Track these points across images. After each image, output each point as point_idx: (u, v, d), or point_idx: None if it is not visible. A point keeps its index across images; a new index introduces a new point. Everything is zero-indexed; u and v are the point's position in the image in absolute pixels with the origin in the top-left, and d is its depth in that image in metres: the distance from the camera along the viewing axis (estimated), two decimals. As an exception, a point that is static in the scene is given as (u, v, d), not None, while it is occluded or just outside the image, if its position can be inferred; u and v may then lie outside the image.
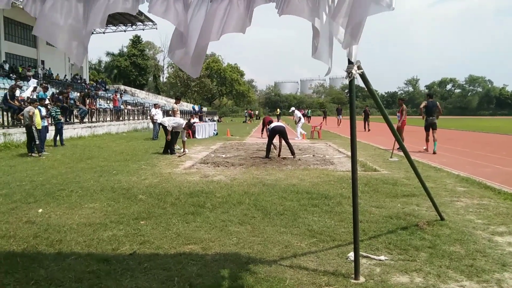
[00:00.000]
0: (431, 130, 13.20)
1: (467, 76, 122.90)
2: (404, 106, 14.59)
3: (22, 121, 12.33)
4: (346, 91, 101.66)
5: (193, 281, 3.41)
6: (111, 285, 3.34)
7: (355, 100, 3.88)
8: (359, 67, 3.55)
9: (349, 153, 4.74)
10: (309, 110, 55.25)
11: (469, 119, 67.33)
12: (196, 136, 20.62)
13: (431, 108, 13.22)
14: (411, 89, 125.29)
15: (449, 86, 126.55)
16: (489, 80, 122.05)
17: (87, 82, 38.92)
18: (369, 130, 26.51)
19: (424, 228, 4.83)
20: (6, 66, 27.88)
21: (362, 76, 3.70)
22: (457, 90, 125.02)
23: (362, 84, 4.08)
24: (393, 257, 3.98)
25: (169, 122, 12.95)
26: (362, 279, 3.45)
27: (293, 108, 23.89)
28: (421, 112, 13.62)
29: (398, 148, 10.59)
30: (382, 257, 3.95)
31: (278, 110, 51.27)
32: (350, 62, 3.48)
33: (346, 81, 3.75)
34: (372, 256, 3.98)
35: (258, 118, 58.70)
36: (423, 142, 13.81)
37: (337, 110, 39.73)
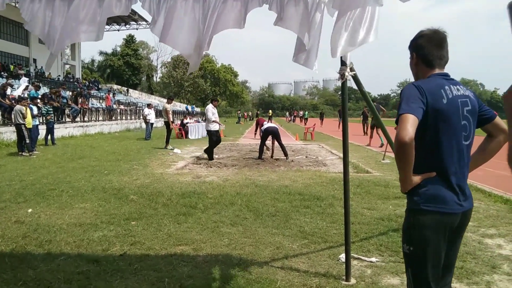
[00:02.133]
0: (375, 128, 16.17)
1: (459, 79, 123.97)
2: None
3: (13, 119, 12.19)
4: (339, 93, 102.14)
5: (184, 282, 3.39)
6: (101, 286, 3.31)
7: (347, 102, 3.89)
8: (351, 69, 3.55)
9: (342, 155, 4.75)
10: (306, 112, 53.60)
11: (461, 122, 67.91)
12: (189, 136, 20.56)
13: (377, 109, 15.46)
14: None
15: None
16: (480, 83, 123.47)
17: (80, 81, 38.64)
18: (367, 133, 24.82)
19: (415, 230, 4.84)
20: (-3, 64, 27.59)
21: (355, 78, 3.70)
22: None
23: (355, 86, 4.09)
24: (384, 259, 3.99)
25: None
26: (353, 281, 3.45)
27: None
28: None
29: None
30: (373, 259, 3.96)
31: (270, 111, 50.83)
32: (343, 64, 3.49)
33: (339, 83, 3.75)
34: (363, 258, 3.99)
35: (252, 119, 58.72)
36: None
37: (339, 112, 36.17)
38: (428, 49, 2.11)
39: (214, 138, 11.50)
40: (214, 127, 11.57)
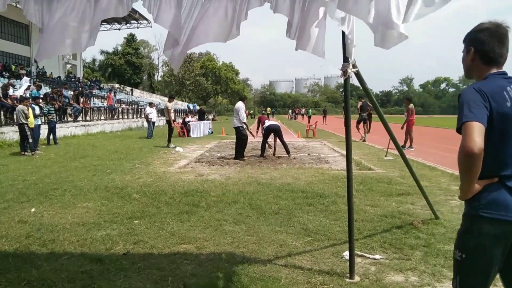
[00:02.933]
0: (362, 123, 18.02)
1: (461, 75, 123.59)
2: (411, 105, 14.24)
3: (15, 119, 12.21)
4: (341, 90, 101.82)
5: (187, 280, 3.38)
6: (104, 285, 3.30)
7: (350, 99, 3.88)
8: (354, 66, 3.53)
9: (344, 152, 4.73)
10: (310, 109, 50.65)
11: (463, 118, 67.63)
12: (191, 135, 20.57)
13: (364, 107, 17.97)
14: (405, 88, 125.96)
15: (443, 85, 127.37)
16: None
17: (81, 80, 38.68)
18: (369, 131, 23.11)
19: (419, 227, 4.83)
20: (-1, 64, 27.62)
21: (357, 74, 3.69)
22: (451, 89, 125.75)
23: (357, 83, 4.07)
24: (388, 256, 3.98)
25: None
26: (357, 278, 3.44)
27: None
28: (358, 110, 18.40)
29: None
30: (377, 256, 3.95)
31: (269, 109, 49.11)
32: (345, 61, 3.47)
33: (341, 80, 3.73)
34: (367, 255, 3.98)
35: (253, 116, 58.65)
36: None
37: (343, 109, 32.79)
38: (489, 45, 1.92)
39: (243, 137, 11.39)
40: (237, 123, 11.44)
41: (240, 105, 11.69)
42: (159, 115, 32.46)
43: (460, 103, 1.84)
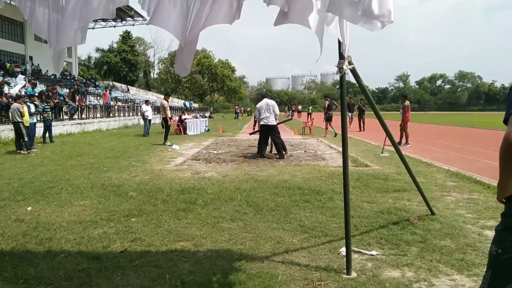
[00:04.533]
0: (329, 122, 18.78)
1: (457, 71, 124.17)
2: (407, 102, 14.29)
3: (10, 117, 12.15)
4: (337, 87, 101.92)
5: (185, 278, 3.39)
6: (102, 283, 3.30)
7: (346, 96, 3.88)
8: (350, 62, 3.54)
9: (340, 149, 4.75)
10: (310, 107, 47.25)
11: (459, 115, 68.05)
12: (188, 132, 20.53)
13: (330, 106, 18.91)
14: (401, 85, 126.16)
15: (439, 82, 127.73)
16: (478, 76, 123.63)
17: (77, 78, 38.48)
18: (364, 129, 22.39)
19: (415, 223, 4.86)
20: (-6, 62, 27.45)
21: (353, 71, 3.69)
22: (447, 86, 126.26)
23: (353, 80, 4.08)
24: (385, 252, 4.00)
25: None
26: (354, 274, 3.46)
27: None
28: (325, 108, 19.42)
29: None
30: (374, 252, 3.97)
31: None
32: (341, 57, 3.47)
33: (337, 77, 3.74)
34: (363, 251, 4.00)
35: (249, 114, 58.59)
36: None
37: (348, 106, 25.67)
38: None
39: (279, 134, 11.08)
40: (274, 121, 10.99)
41: (272, 101, 11.10)
42: (155, 112, 32.43)
43: (510, 96, 1.83)
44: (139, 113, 27.73)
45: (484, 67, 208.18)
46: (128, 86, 48.76)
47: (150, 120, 19.69)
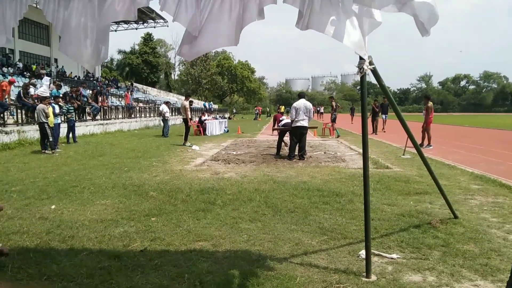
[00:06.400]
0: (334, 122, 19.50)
1: (482, 72, 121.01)
2: (430, 103, 13.98)
3: (36, 118, 12.48)
4: (358, 87, 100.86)
5: (204, 278, 3.41)
6: (122, 281, 3.35)
7: (366, 97, 3.83)
8: (370, 63, 3.49)
9: (361, 150, 4.69)
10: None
11: (484, 116, 66.32)
12: (207, 133, 20.67)
13: (336, 108, 20.00)
14: (424, 85, 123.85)
15: (463, 83, 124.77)
16: (504, 76, 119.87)
17: (100, 79, 39.27)
18: (377, 132, 21.20)
19: (437, 227, 4.76)
20: (20, 65, 28.28)
21: (374, 71, 3.64)
22: (471, 87, 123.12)
23: (374, 81, 4.02)
24: (406, 256, 3.93)
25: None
26: (373, 278, 3.41)
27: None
28: (332, 109, 20.15)
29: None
30: (394, 255, 3.90)
31: (282, 107, 47.14)
32: (361, 58, 3.43)
33: (358, 78, 3.69)
34: (384, 254, 3.94)
35: (269, 115, 58.53)
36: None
37: (382, 107, 22.54)
38: None
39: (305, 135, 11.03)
40: (307, 124, 10.88)
41: (309, 104, 10.96)
42: (176, 113, 32.78)
43: None
44: (159, 114, 28.07)
45: (510, 67, 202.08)
46: (144, 87, 49.33)
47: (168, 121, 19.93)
